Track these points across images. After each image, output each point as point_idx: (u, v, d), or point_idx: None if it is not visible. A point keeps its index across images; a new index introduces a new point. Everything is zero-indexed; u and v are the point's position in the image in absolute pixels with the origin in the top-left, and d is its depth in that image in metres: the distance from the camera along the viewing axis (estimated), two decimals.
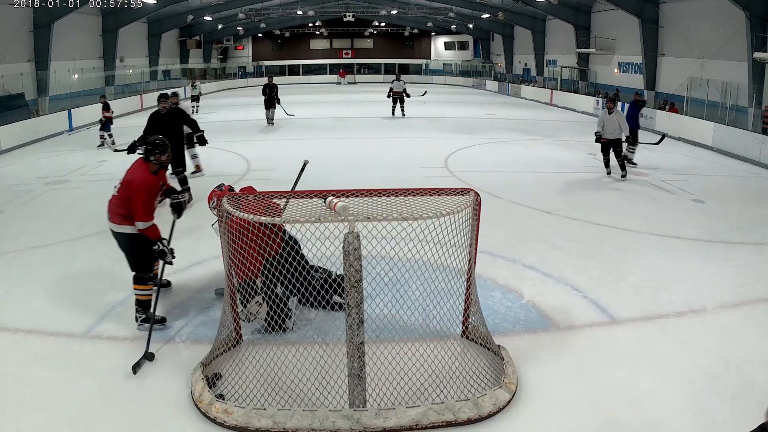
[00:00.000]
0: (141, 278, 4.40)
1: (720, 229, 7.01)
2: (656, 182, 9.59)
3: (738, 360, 3.99)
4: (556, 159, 11.70)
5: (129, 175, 4.34)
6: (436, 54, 44.51)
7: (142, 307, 4.38)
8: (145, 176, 4.30)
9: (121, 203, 4.26)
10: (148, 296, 4.37)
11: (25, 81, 17.61)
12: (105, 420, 3.35)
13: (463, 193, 3.78)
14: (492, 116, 19.74)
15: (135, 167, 4.41)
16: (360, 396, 3.30)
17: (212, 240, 4.97)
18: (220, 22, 33.02)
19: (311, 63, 43.21)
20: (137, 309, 4.39)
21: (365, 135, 14.76)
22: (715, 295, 5.07)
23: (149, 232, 4.28)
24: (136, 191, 4.21)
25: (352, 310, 3.24)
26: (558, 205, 7.96)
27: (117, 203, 4.30)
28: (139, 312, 4.39)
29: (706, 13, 16.84)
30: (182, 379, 3.72)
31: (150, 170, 4.36)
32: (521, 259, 5.87)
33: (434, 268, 3.83)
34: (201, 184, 9.15)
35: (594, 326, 4.52)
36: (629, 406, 3.48)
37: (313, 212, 3.43)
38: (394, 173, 9.85)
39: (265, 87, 16.42)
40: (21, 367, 3.88)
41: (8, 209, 7.98)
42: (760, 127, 13.31)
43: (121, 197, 4.27)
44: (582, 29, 24.29)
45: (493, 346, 3.99)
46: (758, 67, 14.32)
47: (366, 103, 23.54)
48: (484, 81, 35.31)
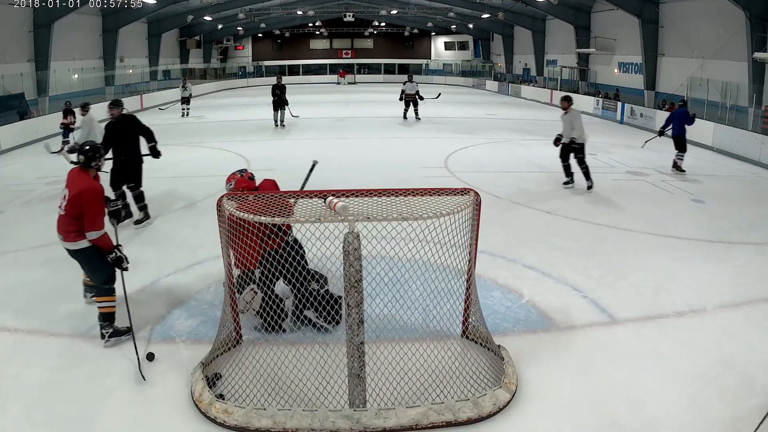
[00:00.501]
0: (108, 289, 4.21)
1: (720, 229, 7.01)
2: (656, 182, 9.59)
3: (738, 360, 3.99)
4: (556, 159, 11.65)
5: (73, 188, 4.09)
6: (436, 54, 44.52)
7: (108, 321, 4.18)
8: (92, 184, 4.14)
9: (73, 220, 4.05)
10: (113, 308, 4.21)
11: (25, 81, 17.63)
12: (105, 420, 3.35)
13: (463, 193, 3.78)
14: (492, 116, 19.74)
15: (76, 179, 4.17)
16: (360, 396, 3.30)
17: (212, 240, 4.97)
18: (220, 22, 33.02)
19: (311, 63, 43.21)
20: (103, 324, 4.17)
21: (365, 135, 14.77)
22: (715, 295, 5.07)
23: (103, 241, 4.10)
24: (88, 201, 4.02)
25: (352, 310, 3.24)
26: (558, 205, 7.96)
27: (68, 221, 4.08)
28: (105, 327, 4.17)
29: (706, 13, 16.85)
30: (182, 379, 3.72)
31: (91, 177, 4.22)
32: (521, 259, 5.87)
33: (434, 268, 3.83)
34: (201, 184, 9.16)
35: (594, 326, 4.52)
36: (629, 406, 3.48)
37: (313, 212, 3.43)
38: (394, 173, 9.85)
39: (275, 87, 15.88)
40: (21, 367, 3.88)
41: (8, 209, 7.98)
42: (760, 127, 13.31)
43: (71, 214, 4.05)
44: (582, 29, 24.29)
45: (493, 346, 3.99)
46: (758, 67, 14.32)
47: (366, 104, 23.53)
48: (484, 81, 35.31)
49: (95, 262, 4.16)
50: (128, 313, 4.11)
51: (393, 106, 18.96)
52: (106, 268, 4.17)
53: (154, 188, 9.12)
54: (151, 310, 4.74)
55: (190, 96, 19.88)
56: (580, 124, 8.74)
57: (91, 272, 4.25)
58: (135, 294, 5.05)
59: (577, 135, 8.70)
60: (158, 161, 7.53)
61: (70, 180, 4.23)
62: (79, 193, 4.04)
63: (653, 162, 11.28)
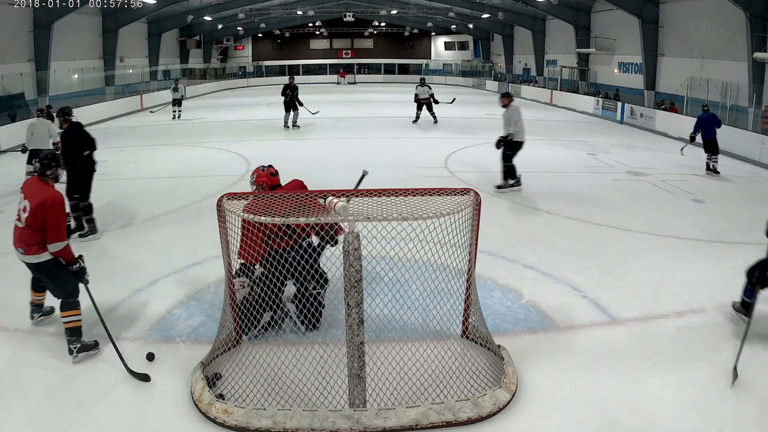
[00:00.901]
0: (72, 303, 4.01)
1: (720, 229, 7.01)
2: (656, 182, 9.59)
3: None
4: (556, 159, 11.71)
5: (35, 198, 3.87)
6: (436, 54, 44.53)
7: (75, 335, 3.97)
8: (54, 193, 3.94)
9: (35, 232, 3.85)
10: (80, 321, 4.02)
11: (25, 81, 17.64)
12: (105, 420, 3.35)
13: (463, 193, 3.78)
14: (492, 116, 19.70)
15: (36, 189, 3.96)
16: (360, 396, 3.30)
17: (212, 240, 4.96)
18: (220, 22, 33.03)
19: (311, 63, 43.22)
20: (70, 339, 3.97)
21: (365, 135, 14.77)
22: (715, 295, 5.07)
23: (66, 252, 3.92)
24: (51, 211, 3.83)
25: (352, 310, 3.24)
26: (558, 205, 7.96)
27: (30, 234, 3.87)
28: (72, 342, 3.96)
29: (706, 13, 16.85)
30: (182, 379, 3.72)
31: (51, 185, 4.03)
32: (521, 259, 5.87)
33: (434, 268, 3.83)
34: (201, 184, 9.16)
35: (594, 326, 4.52)
36: (629, 406, 3.48)
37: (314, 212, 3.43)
38: (394, 173, 9.84)
39: (286, 87, 15.47)
40: (21, 367, 3.88)
41: (8, 209, 7.97)
42: (760, 127, 13.32)
43: (34, 226, 3.84)
44: (582, 29, 24.30)
45: (493, 346, 3.99)
46: (758, 67, 14.32)
47: (366, 104, 23.54)
48: (484, 81, 35.32)
49: (59, 275, 3.98)
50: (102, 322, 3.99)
51: (393, 106, 18.97)
52: (69, 281, 4.01)
53: (155, 188, 9.14)
54: (150, 310, 4.74)
55: (182, 98, 19.30)
56: (519, 120, 8.70)
57: (55, 286, 4.04)
58: (135, 294, 5.06)
59: (513, 131, 8.65)
60: (157, 161, 7.53)
61: (28, 190, 4.00)
62: (42, 202, 3.83)
63: (653, 162, 11.28)
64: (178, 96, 19.07)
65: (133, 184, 9.46)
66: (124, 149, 12.87)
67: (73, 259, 3.98)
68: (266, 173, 4.57)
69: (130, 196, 8.64)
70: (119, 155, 12.08)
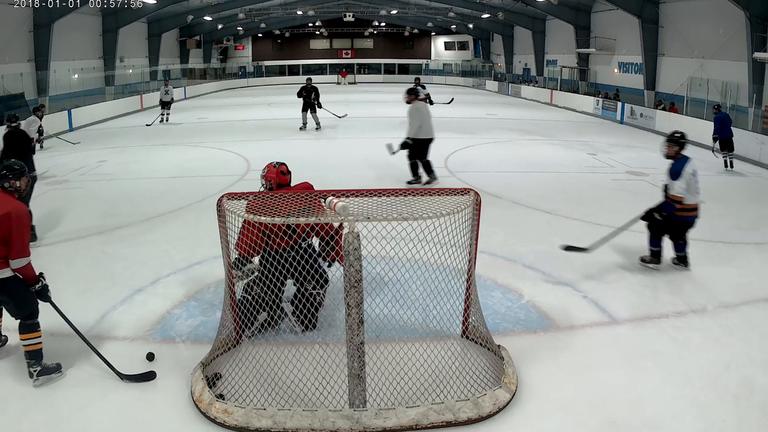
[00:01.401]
0: (32, 324, 3.73)
1: (720, 229, 7.01)
2: (656, 182, 9.57)
3: (738, 360, 3.99)
4: (556, 159, 11.71)
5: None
6: (436, 54, 44.53)
7: (35, 359, 3.71)
8: (19, 205, 3.69)
9: None
10: (40, 344, 3.75)
11: (25, 81, 17.64)
12: (105, 420, 3.35)
13: (463, 193, 3.78)
14: (492, 116, 19.74)
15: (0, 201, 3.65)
16: (360, 396, 3.30)
17: (212, 240, 4.96)
18: (220, 22, 33.04)
19: (311, 63, 43.21)
20: (30, 362, 3.70)
21: (365, 135, 14.76)
22: (715, 295, 5.07)
23: (27, 270, 3.65)
24: (18, 223, 3.57)
25: (352, 310, 3.24)
26: (558, 205, 7.96)
27: None
28: (33, 365, 3.70)
29: (706, 13, 16.86)
30: (182, 379, 3.72)
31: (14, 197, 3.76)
32: (521, 259, 5.88)
33: (434, 268, 3.83)
34: (201, 184, 9.16)
35: (594, 326, 4.52)
36: (629, 406, 3.48)
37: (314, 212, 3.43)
38: (394, 173, 9.84)
39: (302, 89, 15.08)
40: (21, 367, 3.88)
41: None
42: (760, 127, 13.32)
43: None
44: (582, 29, 24.31)
45: (493, 346, 3.99)
46: (758, 67, 14.32)
47: (366, 103, 23.53)
48: (484, 81, 35.32)
49: (20, 294, 3.68)
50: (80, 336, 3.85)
51: (393, 106, 18.95)
52: (30, 301, 3.72)
53: (155, 188, 9.14)
54: (150, 310, 4.74)
55: (171, 100, 18.33)
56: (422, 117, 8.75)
57: (16, 306, 3.71)
58: (135, 294, 5.06)
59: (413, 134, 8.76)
60: (157, 161, 7.52)
61: None
62: (7, 214, 3.56)
63: (653, 162, 11.27)
64: (168, 98, 18.11)
65: (133, 184, 9.47)
66: (124, 149, 12.87)
67: (34, 278, 3.70)
68: (276, 170, 4.44)
69: (130, 196, 8.64)
70: (119, 155, 12.09)
